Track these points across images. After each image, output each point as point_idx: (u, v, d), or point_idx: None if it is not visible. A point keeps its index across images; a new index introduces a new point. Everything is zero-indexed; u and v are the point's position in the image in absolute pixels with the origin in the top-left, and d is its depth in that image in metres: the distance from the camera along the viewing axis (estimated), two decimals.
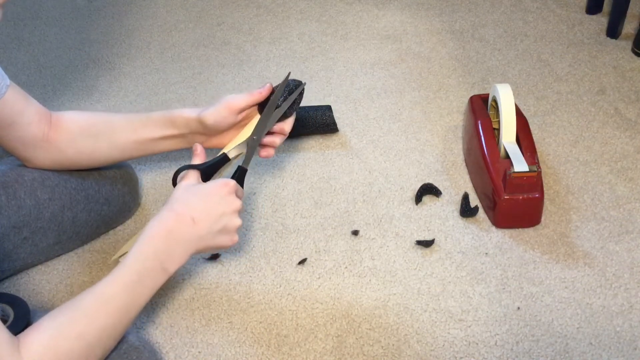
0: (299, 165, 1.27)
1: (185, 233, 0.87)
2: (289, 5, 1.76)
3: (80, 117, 1.04)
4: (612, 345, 0.95)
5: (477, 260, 1.08)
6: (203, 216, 0.88)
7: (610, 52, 1.53)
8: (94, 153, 1.03)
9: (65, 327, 0.78)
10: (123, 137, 1.03)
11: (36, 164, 1.02)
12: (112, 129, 1.03)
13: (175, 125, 1.02)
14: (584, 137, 1.31)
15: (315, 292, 1.04)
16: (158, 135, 1.03)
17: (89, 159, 1.04)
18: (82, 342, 0.79)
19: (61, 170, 1.05)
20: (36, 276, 1.08)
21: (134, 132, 1.03)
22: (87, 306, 0.81)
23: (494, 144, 1.16)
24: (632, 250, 1.09)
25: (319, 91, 1.46)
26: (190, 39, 1.65)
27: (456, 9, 1.71)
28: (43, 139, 0.99)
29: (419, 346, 0.96)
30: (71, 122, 1.02)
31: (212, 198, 0.90)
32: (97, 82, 1.52)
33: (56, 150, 1.01)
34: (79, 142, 1.02)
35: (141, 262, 0.85)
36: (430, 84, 1.47)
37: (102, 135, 1.02)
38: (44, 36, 1.68)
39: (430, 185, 1.19)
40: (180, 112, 1.01)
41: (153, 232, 0.87)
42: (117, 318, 0.83)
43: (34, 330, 0.77)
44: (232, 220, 0.91)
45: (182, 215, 0.87)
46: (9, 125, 0.95)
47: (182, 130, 1.02)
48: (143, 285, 0.85)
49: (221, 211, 0.90)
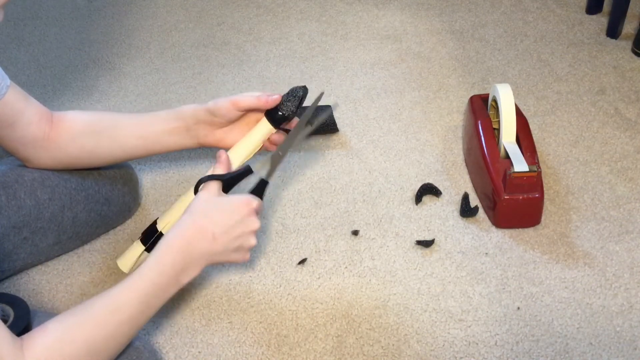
0: (299, 165, 1.27)
1: (203, 247, 0.87)
2: (289, 5, 1.76)
3: (83, 115, 1.04)
4: (612, 345, 0.95)
5: (477, 260, 1.08)
6: (223, 233, 0.88)
7: (610, 52, 1.53)
8: (96, 150, 1.03)
9: (72, 330, 0.78)
10: (126, 133, 1.03)
11: (37, 164, 1.02)
12: (115, 125, 1.03)
13: (180, 117, 1.02)
14: (584, 137, 1.31)
15: (315, 292, 1.04)
16: (162, 128, 1.02)
17: (90, 156, 1.04)
18: (88, 348, 0.78)
19: (62, 169, 1.05)
20: (36, 276, 1.08)
21: (138, 127, 1.03)
22: (97, 312, 0.80)
23: (494, 144, 1.16)
24: (632, 250, 1.09)
25: (319, 91, 1.46)
26: (190, 39, 1.65)
27: (456, 9, 1.71)
28: (44, 138, 0.99)
29: (419, 346, 0.96)
30: (73, 121, 1.02)
31: (234, 216, 0.89)
32: (97, 82, 1.52)
33: (57, 148, 1.01)
34: (81, 139, 1.02)
35: (158, 272, 0.84)
36: (430, 84, 1.47)
37: (105, 132, 1.02)
38: (44, 36, 1.68)
39: (430, 185, 1.19)
40: (186, 106, 1.02)
41: (173, 243, 0.86)
42: (126, 327, 0.82)
43: (39, 332, 0.77)
44: (248, 240, 0.91)
45: (203, 229, 0.87)
46: (9, 125, 0.95)
47: (187, 121, 1.01)
48: (156, 296, 0.84)
49: (240, 231, 0.89)
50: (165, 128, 1.02)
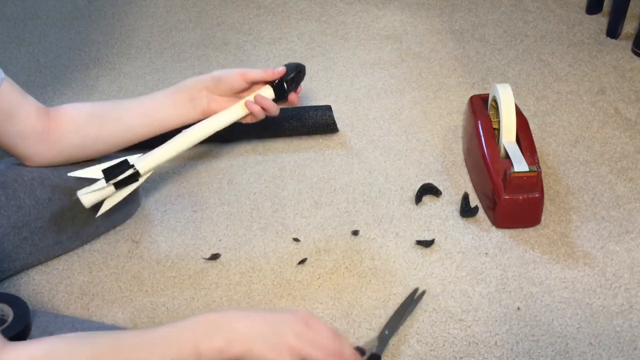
0: (299, 165, 1.27)
1: None
2: (289, 5, 1.76)
3: (83, 105, 1.05)
4: (612, 345, 0.95)
5: (477, 260, 1.08)
6: None
7: (610, 52, 1.53)
8: (100, 136, 1.03)
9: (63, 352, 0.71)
10: (129, 113, 1.03)
11: (37, 160, 1.02)
12: (117, 107, 1.04)
13: (183, 88, 1.04)
14: (584, 137, 1.31)
15: (315, 292, 1.04)
16: (165, 102, 1.03)
17: (94, 143, 1.04)
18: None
19: (64, 163, 1.05)
20: (36, 276, 1.08)
21: (140, 105, 1.04)
22: (98, 341, 0.73)
23: (494, 144, 1.16)
24: (632, 250, 1.09)
25: (319, 91, 1.46)
26: (190, 39, 1.65)
27: (456, 9, 1.71)
28: (43, 131, 0.99)
29: (419, 346, 0.96)
30: (75, 111, 1.02)
31: None
32: (97, 82, 1.52)
33: (59, 140, 1.01)
34: (84, 127, 1.02)
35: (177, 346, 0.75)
36: (430, 84, 1.47)
37: (108, 115, 1.03)
38: (44, 36, 1.68)
39: (430, 185, 1.19)
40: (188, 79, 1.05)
41: None
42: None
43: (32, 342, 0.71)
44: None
45: None
46: (8, 118, 0.95)
47: (190, 91, 1.03)
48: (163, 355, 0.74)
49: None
50: (168, 102, 1.03)
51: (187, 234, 1.14)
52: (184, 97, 1.03)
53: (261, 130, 1.30)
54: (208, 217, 1.17)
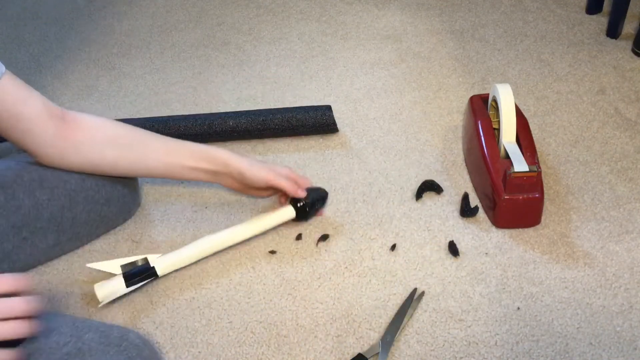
0: (299, 165, 1.27)
1: None
2: (289, 5, 1.76)
3: (108, 125, 1.04)
4: (612, 345, 0.95)
5: (477, 260, 1.08)
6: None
7: (610, 52, 1.53)
8: (119, 162, 1.05)
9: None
10: (153, 156, 1.05)
11: (48, 162, 1.02)
12: (144, 145, 1.05)
13: (212, 161, 1.07)
14: (584, 137, 1.31)
15: (315, 292, 1.04)
16: (190, 164, 1.07)
17: (111, 166, 1.05)
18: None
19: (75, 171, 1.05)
20: (36, 276, 1.08)
21: (167, 154, 1.06)
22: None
23: (494, 144, 1.16)
24: (632, 250, 1.09)
25: (319, 91, 1.46)
26: (190, 39, 1.65)
27: (456, 9, 1.71)
28: (56, 136, 0.98)
29: (419, 346, 0.96)
30: (97, 131, 1.02)
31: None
32: (97, 82, 1.52)
33: (75, 152, 1.01)
34: (104, 149, 1.03)
35: None
36: (430, 84, 1.47)
37: (132, 148, 1.04)
38: (44, 36, 1.68)
39: (431, 182, 1.19)
40: (220, 153, 1.07)
41: None
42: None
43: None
44: None
45: None
46: (14, 115, 0.94)
47: (218, 167, 1.07)
48: None
49: None
50: (193, 165, 1.07)
51: (187, 234, 1.14)
52: (210, 169, 1.07)
53: (261, 130, 1.30)
54: (208, 217, 1.17)
